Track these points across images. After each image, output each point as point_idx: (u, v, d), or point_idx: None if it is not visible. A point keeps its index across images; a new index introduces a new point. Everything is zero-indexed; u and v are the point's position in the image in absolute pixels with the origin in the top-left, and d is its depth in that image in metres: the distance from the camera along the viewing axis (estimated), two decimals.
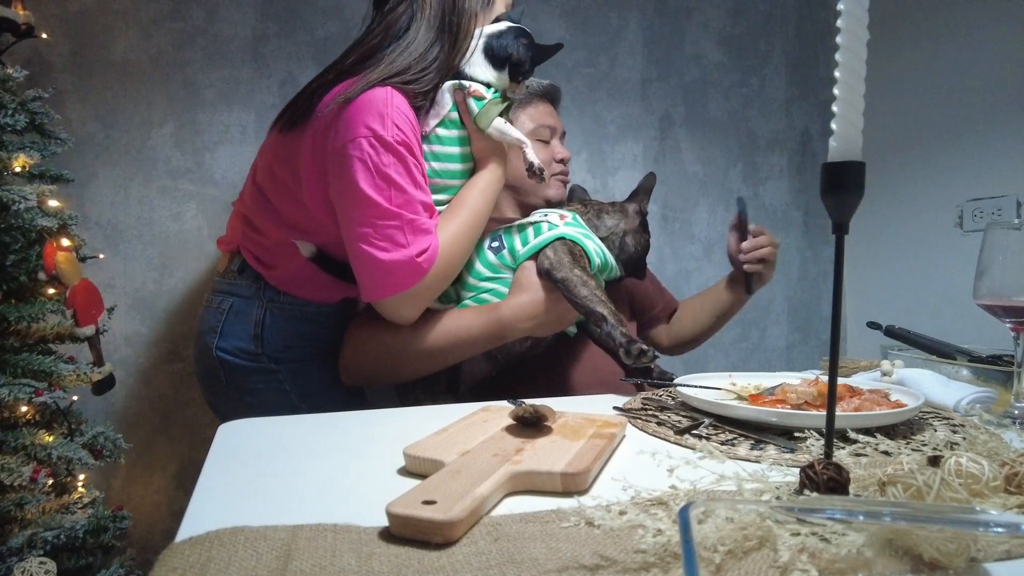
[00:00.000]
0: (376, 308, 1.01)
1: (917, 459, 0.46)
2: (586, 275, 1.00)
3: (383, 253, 0.93)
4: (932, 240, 1.90)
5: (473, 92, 1.01)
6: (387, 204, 0.92)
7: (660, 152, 1.98)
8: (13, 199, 1.02)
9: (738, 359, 2.10)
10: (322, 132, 0.94)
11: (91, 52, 1.45)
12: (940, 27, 1.89)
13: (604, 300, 0.98)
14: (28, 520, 1.00)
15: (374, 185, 0.91)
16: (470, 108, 1.01)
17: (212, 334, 1.08)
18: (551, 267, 1.01)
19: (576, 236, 1.05)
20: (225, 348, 1.07)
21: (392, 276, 0.94)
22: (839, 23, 0.45)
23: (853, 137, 0.45)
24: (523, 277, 1.04)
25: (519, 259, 1.06)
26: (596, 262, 1.06)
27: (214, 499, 0.51)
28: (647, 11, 1.96)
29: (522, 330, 1.03)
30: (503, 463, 0.52)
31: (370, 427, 0.76)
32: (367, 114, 0.91)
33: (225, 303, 1.08)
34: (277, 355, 1.08)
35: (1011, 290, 0.74)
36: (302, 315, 1.10)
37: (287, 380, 1.09)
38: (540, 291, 1.02)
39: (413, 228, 0.94)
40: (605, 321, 0.96)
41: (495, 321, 1.02)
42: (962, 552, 0.35)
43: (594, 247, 1.07)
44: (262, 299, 1.07)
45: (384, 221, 0.92)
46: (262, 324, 1.07)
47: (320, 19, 1.62)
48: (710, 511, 0.37)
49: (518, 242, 1.07)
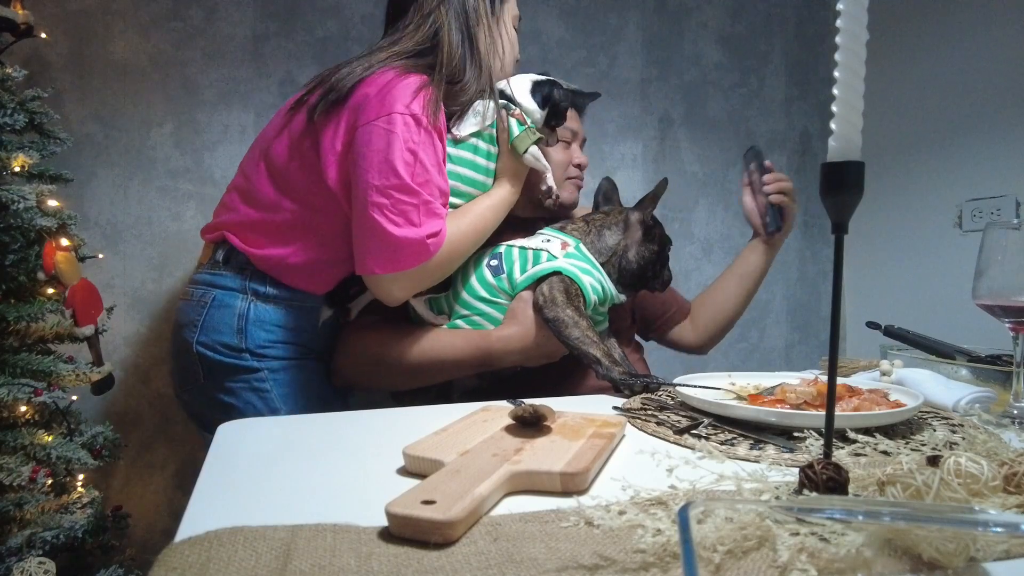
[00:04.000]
0: (368, 282, 1.00)
1: (916, 459, 0.46)
2: (578, 315, 0.98)
3: (394, 227, 0.93)
4: (931, 240, 1.90)
5: (517, 115, 1.08)
6: (409, 179, 0.93)
7: (659, 152, 1.99)
8: (12, 199, 1.02)
9: (737, 359, 2.10)
10: (355, 108, 0.96)
11: (90, 52, 1.45)
12: (940, 27, 1.89)
13: (596, 341, 0.96)
14: (27, 520, 1.00)
15: (401, 158, 0.93)
16: (510, 128, 1.07)
17: (192, 328, 1.04)
18: (543, 304, 1.00)
19: (573, 272, 1.03)
20: (205, 343, 1.03)
21: (398, 252, 0.94)
22: (839, 23, 0.45)
23: (852, 137, 0.45)
24: (518, 308, 1.04)
25: (517, 288, 1.05)
26: (592, 299, 1.04)
27: (213, 499, 0.51)
28: (646, 11, 1.96)
29: (509, 361, 1.04)
30: (502, 463, 0.52)
31: (370, 427, 0.76)
32: (405, 93, 0.94)
33: (207, 296, 1.05)
34: (260, 351, 1.04)
35: (1010, 290, 0.75)
36: (287, 309, 1.07)
37: (268, 380, 1.05)
38: (532, 326, 1.02)
39: (428, 210, 0.96)
40: (599, 363, 0.94)
41: (483, 349, 1.03)
42: (961, 552, 0.35)
43: (591, 283, 1.05)
44: (246, 291, 1.04)
45: (402, 195, 0.93)
46: (246, 317, 1.04)
47: (320, 19, 1.62)
48: (709, 511, 0.37)
49: (517, 269, 1.06)
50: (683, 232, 2.01)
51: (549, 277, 1.03)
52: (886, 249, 2.04)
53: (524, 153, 1.07)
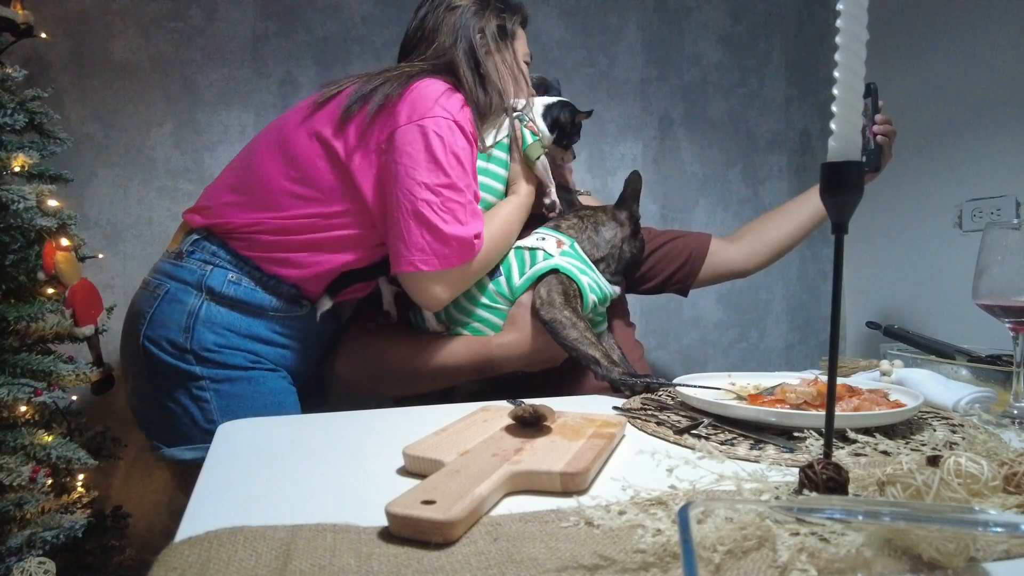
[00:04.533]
0: (407, 282, 0.99)
1: (916, 459, 0.46)
2: (576, 316, 0.98)
3: (444, 224, 0.94)
4: (931, 240, 1.90)
5: (529, 127, 1.12)
6: (456, 179, 0.96)
7: (659, 152, 1.98)
8: (12, 199, 1.02)
9: (737, 359, 2.10)
10: (392, 109, 0.97)
11: (90, 52, 1.45)
12: (939, 27, 1.89)
13: (594, 342, 0.96)
14: (27, 520, 1.00)
15: (447, 160, 0.95)
16: (524, 138, 1.11)
17: (141, 319, 1.02)
18: (540, 306, 1.00)
19: (571, 271, 1.04)
20: (151, 337, 1.01)
21: (447, 248, 0.95)
22: (839, 23, 0.45)
23: (852, 137, 0.45)
24: (518, 314, 1.05)
25: (516, 292, 1.06)
26: (591, 298, 1.05)
27: (213, 499, 0.51)
28: (646, 11, 1.96)
29: (510, 367, 1.05)
30: (502, 463, 0.52)
31: (370, 427, 0.76)
32: (446, 101, 0.98)
33: (162, 287, 1.03)
34: (204, 354, 1.00)
35: (1010, 290, 0.75)
36: (241, 314, 1.03)
37: (208, 389, 1.01)
38: (531, 331, 1.03)
39: (473, 210, 0.99)
40: (598, 364, 0.93)
41: (483, 356, 1.04)
42: (961, 552, 0.35)
43: (589, 282, 1.05)
44: (201, 288, 1.01)
45: (450, 193, 0.95)
46: (195, 316, 1.00)
47: (320, 19, 1.62)
48: (709, 511, 0.37)
49: (515, 272, 1.06)
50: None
51: (547, 277, 1.03)
52: (886, 249, 2.03)
53: (536, 161, 1.11)
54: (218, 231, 1.05)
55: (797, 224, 1.38)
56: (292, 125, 1.05)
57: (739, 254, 1.39)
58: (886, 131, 1.25)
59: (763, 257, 1.40)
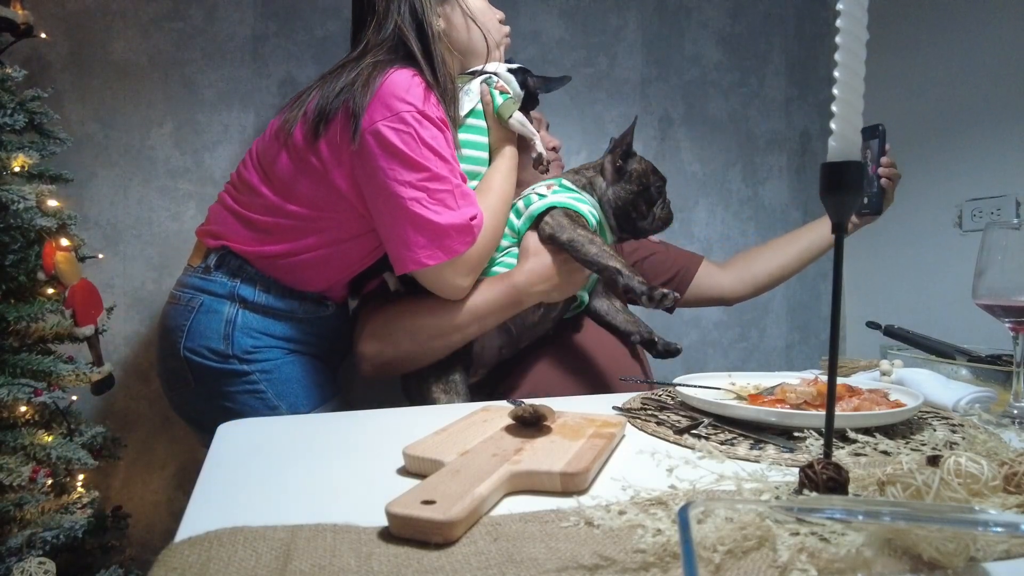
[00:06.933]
0: (423, 279, 1.00)
1: (916, 459, 0.46)
2: (591, 233, 1.01)
3: (437, 216, 0.95)
4: (931, 240, 1.90)
5: (499, 87, 1.10)
6: (436, 169, 0.96)
7: (659, 152, 1.98)
8: (12, 199, 1.02)
9: (737, 359, 2.10)
10: (355, 115, 0.95)
11: (90, 52, 1.45)
12: (940, 27, 1.89)
13: (613, 254, 0.98)
14: (27, 520, 1.00)
15: (421, 154, 0.95)
16: (494, 99, 1.09)
17: (179, 333, 1.05)
18: (553, 232, 1.02)
19: (568, 203, 1.06)
20: (192, 348, 1.04)
21: (447, 238, 0.96)
22: (838, 23, 0.45)
23: (852, 137, 0.45)
24: (528, 244, 1.06)
25: (520, 232, 1.08)
26: (592, 223, 1.07)
27: (213, 499, 0.51)
28: (646, 11, 1.96)
29: (537, 294, 1.04)
30: (502, 463, 0.52)
31: (370, 427, 0.76)
32: (404, 91, 0.95)
33: (195, 300, 1.05)
34: (246, 356, 1.05)
35: (1010, 290, 0.75)
36: (274, 319, 1.07)
37: (260, 381, 1.06)
38: (547, 255, 1.04)
39: (461, 193, 0.99)
40: (620, 273, 0.95)
41: (510, 288, 1.04)
42: (961, 552, 0.35)
43: (588, 209, 1.07)
44: (235, 298, 1.05)
45: (436, 185, 0.95)
46: (233, 324, 1.04)
47: (319, 19, 1.62)
48: (709, 511, 0.37)
49: (514, 219, 1.09)
50: (683, 232, 2.01)
51: (546, 214, 1.05)
52: (886, 249, 2.03)
53: (509, 119, 1.09)
54: (236, 252, 1.07)
55: (785, 260, 1.39)
56: (271, 156, 1.04)
57: (726, 280, 1.41)
58: (890, 174, 1.25)
59: (748, 288, 1.42)
